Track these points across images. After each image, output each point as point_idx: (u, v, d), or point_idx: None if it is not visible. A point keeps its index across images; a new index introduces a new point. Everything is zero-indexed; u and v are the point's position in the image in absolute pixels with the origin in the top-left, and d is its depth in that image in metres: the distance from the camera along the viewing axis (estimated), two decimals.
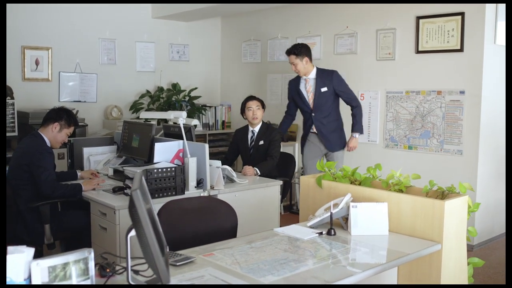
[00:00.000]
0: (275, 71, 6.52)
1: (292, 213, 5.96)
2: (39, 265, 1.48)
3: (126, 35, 6.37)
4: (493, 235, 4.96)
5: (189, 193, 3.37)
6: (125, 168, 3.57)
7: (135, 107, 6.34)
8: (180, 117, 3.65)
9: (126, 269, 1.77)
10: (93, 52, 6.13)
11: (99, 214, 3.26)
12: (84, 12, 6.01)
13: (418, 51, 5.00)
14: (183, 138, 3.57)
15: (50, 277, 1.50)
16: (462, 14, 4.64)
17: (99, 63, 6.18)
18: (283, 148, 4.69)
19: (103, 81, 6.20)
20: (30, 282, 1.48)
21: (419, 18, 4.96)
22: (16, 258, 1.47)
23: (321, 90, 4.57)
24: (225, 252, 2.17)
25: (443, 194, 2.51)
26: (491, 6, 4.57)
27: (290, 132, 6.28)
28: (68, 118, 3.61)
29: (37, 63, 5.69)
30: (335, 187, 2.73)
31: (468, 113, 4.69)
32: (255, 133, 4.51)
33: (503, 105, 4.65)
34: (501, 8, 4.62)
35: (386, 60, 5.28)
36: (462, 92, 4.71)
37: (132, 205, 1.59)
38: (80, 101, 6.03)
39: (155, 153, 3.57)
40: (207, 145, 3.51)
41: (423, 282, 2.38)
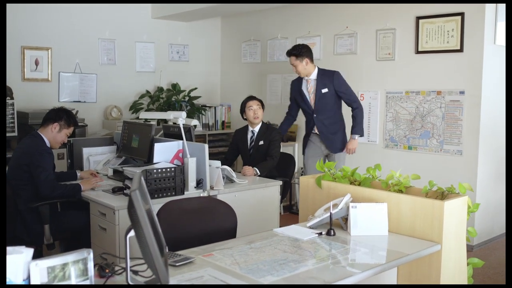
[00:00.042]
0: (275, 71, 6.51)
1: (292, 213, 5.96)
2: (38, 265, 1.48)
3: (126, 35, 6.37)
4: (492, 235, 4.96)
5: (188, 193, 3.36)
6: (124, 168, 3.57)
7: (134, 107, 6.34)
8: (179, 118, 3.65)
9: (125, 269, 1.77)
10: (93, 52, 6.13)
11: (98, 214, 3.26)
12: (84, 12, 6.01)
13: (418, 51, 5.00)
14: (182, 138, 3.57)
15: (49, 277, 1.50)
16: (462, 14, 4.64)
17: (98, 63, 6.18)
18: (283, 148, 4.68)
19: (103, 81, 6.20)
20: (29, 283, 1.48)
21: (419, 18, 4.96)
22: (15, 259, 1.47)
23: (322, 91, 4.54)
24: (224, 252, 2.17)
25: (443, 195, 2.51)
26: (491, 6, 4.57)
27: (290, 132, 6.28)
28: (67, 118, 3.62)
29: (36, 63, 5.69)
30: (334, 187, 2.73)
31: (468, 113, 4.69)
32: (255, 133, 4.51)
33: (503, 105, 4.65)
34: (501, 8, 4.62)
35: (386, 60, 5.28)
36: (462, 93, 4.71)
37: (131, 206, 1.59)
38: (79, 101, 6.03)
39: (154, 153, 3.57)
40: (206, 145, 3.51)
41: (422, 282, 2.37)
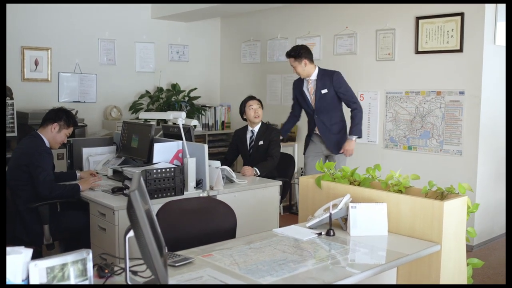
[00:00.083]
0: (275, 71, 6.51)
1: (291, 213, 5.96)
2: (37, 266, 1.48)
3: (126, 35, 6.37)
4: (492, 235, 4.96)
5: (188, 193, 3.36)
6: (124, 168, 3.57)
7: (134, 107, 6.34)
8: (179, 118, 3.65)
9: (124, 269, 1.77)
10: (93, 53, 6.13)
11: (98, 214, 3.26)
12: (84, 12, 6.01)
13: (417, 52, 5.00)
14: (182, 138, 3.57)
15: (48, 278, 1.49)
16: (462, 14, 4.64)
17: (98, 63, 6.18)
18: (282, 148, 4.67)
19: (103, 81, 6.20)
20: (28, 283, 1.48)
21: (418, 18, 4.96)
22: (14, 259, 1.47)
23: (321, 91, 4.50)
24: (224, 252, 2.17)
25: (443, 195, 2.51)
26: (490, 7, 4.57)
27: (290, 132, 6.27)
28: (67, 118, 3.61)
29: (36, 63, 5.69)
30: (334, 187, 2.73)
31: (467, 113, 4.69)
32: (255, 133, 4.50)
33: (502, 105, 4.65)
34: (500, 9, 4.62)
35: (386, 60, 5.28)
36: (462, 93, 4.71)
37: (130, 206, 1.59)
38: (79, 101, 6.03)
39: (154, 153, 3.57)
40: (206, 145, 3.51)
41: (422, 282, 2.37)
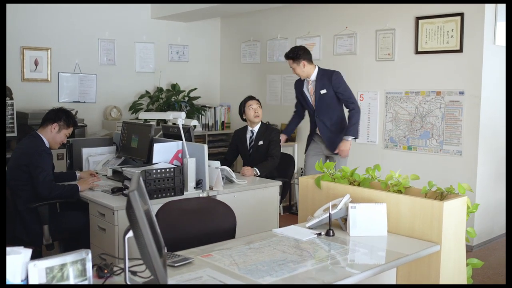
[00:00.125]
0: (275, 71, 6.51)
1: (291, 213, 5.95)
2: (36, 266, 1.48)
3: (126, 35, 6.37)
4: (492, 235, 4.95)
5: (188, 193, 3.36)
6: (124, 168, 3.57)
7: (134, 107, 6.34)
8: (179, 118, 3.65)
9: (123, 270, 1.76)
10: (93, 53, 6.12)
11: (97, 214, 3.26)
12: (84, 12, 6.00)
13: (417, 52, 5.00)
14: (182, 138, 3.57)
15: (48, 278, 1.49)
16: (462, 14, 4.64)
17: (98, 63, 6.18)
18: (282, 148, 4.67)
19: (103, 81, 6.20)
20: (27, 283, 1.48)
21: (418, 18, 4.96)
22: (14, 259, 1.47)
23: (321, 92, 4.48)
24: (223, 253, 2.17)
25: (442, 195, 2.51)
26: (490, 7, 4.57)
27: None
28: (67, 119, 3.61)
29: (36, 63, 5.69)
30: (334, 187, 2.73)
31: (467, 113, 4.69)
32: (255, 133, 4.50)
33: (502, 105, 4.65)
34: (500, 9, 4.61)
35: (386, 60, 5.28)
36: (462, 93, 4.71)
37: (129, 206, 1.59)
38: (79, 101, 6.02)
39: (154, 153, 3.57)
40: (206, 145, 3.51)
41: (422, 283, 2.37)
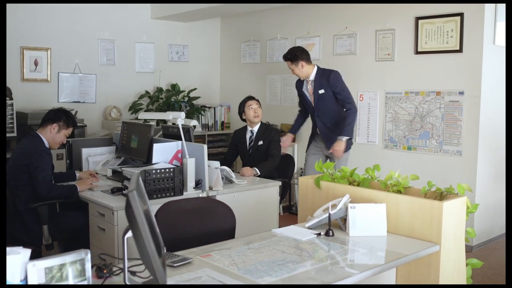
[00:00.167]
0: (275, 72, 6.51)
1: (291, 213, 5.95)
2: (35, 266, 1.48)
3: (125, 35, 6.37)
4: (492, 235, 4.95)
5: (187, 194, 3.36)
6: (123, 169, 3.57)
7: (134, 107, 6.34)
8: (178, 118, 3.65)
9: (123, 270, 1.76)
10: (92, 53, 6.12)
11: (97, 214, 3.26)
12: (84, 12, 6.00)
13: (417, 52, 5.00)
14: (181, 138, 3.57)
15: (47, 278, 1.49)
16: (461, 14, 4.64)
17: (98, 63, 6.18)
18: (282, 149, 4.66)
19: (102, 81, 6.20)
20: (26, 284, 1.48)
21: (418, 18, 4.96)
22: (13, 259, 1.47)
23: (319, 92, 4.44)
24: (222, 253, 2.17)
25: (442, 195, 2.51)
26: (490, 7, 4.57)
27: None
28: (66, 119, 3.61)
29: (36, 63, 5.69)
30: (333, 188, 2.73)
31: (467, 113, 4.69)
32: (254, 133, 4.50)
33: (502, 105, 4.65)
34: (500, 9, 4.61)
35: (385, 60, 5.28)
36: (461, 93, 4.71)
37: (128, 206, 1.59)
38: (79, 101, 6.02)
39: (153, 153, 3.57)
40: (205, 146, 3.50)
41: (421, 283, 2.37)
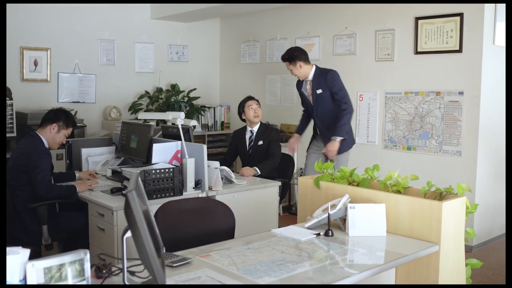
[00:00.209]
0: (274, 72, 6.51)
1: (291, 214, 5.95)
2: (34, 266, 1.48)
3: (125, 36, 6.37)
4: (492, 236, 4.95)
5: (187, 194, 3.36)
6: (123, 169, 3.57)
7: (134, 108, 6.34)
8: (178, 118, 3.65)
9: (122, 270, 1.76)
10: (92, 53, 6.12)
11: (97, 215, 3.26)
12: (83, 13, 6.00)
13: (417, 52, 5.00)
14: (181, 139, 3.57)
15: (46, 278, 1.49)
16: (461, 14, 4.64)
17: (98, 64, 6.18)
18: (281, 149, 4.66)
19: (102, 82, 6.20)
20: (25, 284, 1.48)
21: (418, 18, 4.96)
22: (12, 259, 1.47)
23: (317, 92, 4.41)
24: (222, 253, 2.17)
25: (441, 195, 2.51)
26: (490, 7, 4.57)
27: (289, 133, 6.28)
28: (66, 119, 3.61)
29: (35, 63, 5.69)
30: (333, 188, 2.72)
31: (467, 114, 4.69)
32: (254, 133, 4.50)
33: (502, 106, 4.65)
34: (500, 9, 4.61)
35: (385, 61, 5.28)
36: (461, 93, 4.71)
37: (127, 206, 1.59)
38: (79, 102, 6.02)
39: (153, 154, 3.56)
40: (205, 146, 3.51)
41: (421, 283, 2.37)
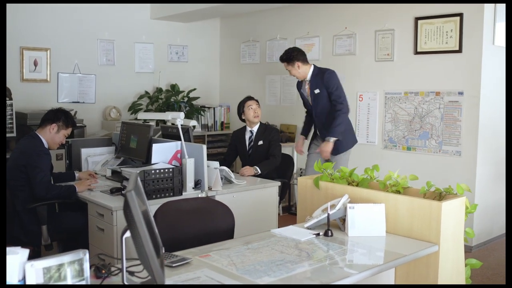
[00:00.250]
0: (274, 72, 6.51)
1: (291, 214, 5.95)
2: (33, 266, 1.48)
3: (125, 36, 6.37)
4: (492, 236, 4.95)
5: (186, 194, 3.36)
6: (122, 169, 3.57)
7: (133, 108, 6.34)
8: (177, 118, 3.65)
9: (121, 270, 1.76)
10: (92, 53, 6.12)
11: (96, 215, 3.26)
12: (83, 13, 6.00)
13: (416, 52, 5.00)
14: (181, 139, 3.57)
15: (45, 278, 1.49)
16: (461, 15, 4.64)
17: (97, 64, 6.18)
18: (282, 149, 4.66)
19: (102, 82, 6.20)
20: (24, 284, 1.48)
21: (417, 19, 4.96)
22: (11, 259, 1.47)
23: (314, 92, 4.41)
24: (221, 253, 2.17)
25: (441, 195, 2.51)
26: (489, 7, 4.57)
27: (289, 133, 6.29)
28: (66, 119, 3.61)
29: (35, 64, 5.69)
30: (332, 188, 2.72)
31: (466, 114, 4.68)
32: (254, 133, 4.50)
33: (501, 106, 4.65)
34: (499, 9, 4.61)
35: (385, 61, 5.28)
36: (461, 93, 4.71)
37: (126, 206, 1.59)
38: (78, 102, 6.02)
39: (153, 154, 3.56)
40: (205, 146, 3.51)
41: (420, 283, 2.37)
